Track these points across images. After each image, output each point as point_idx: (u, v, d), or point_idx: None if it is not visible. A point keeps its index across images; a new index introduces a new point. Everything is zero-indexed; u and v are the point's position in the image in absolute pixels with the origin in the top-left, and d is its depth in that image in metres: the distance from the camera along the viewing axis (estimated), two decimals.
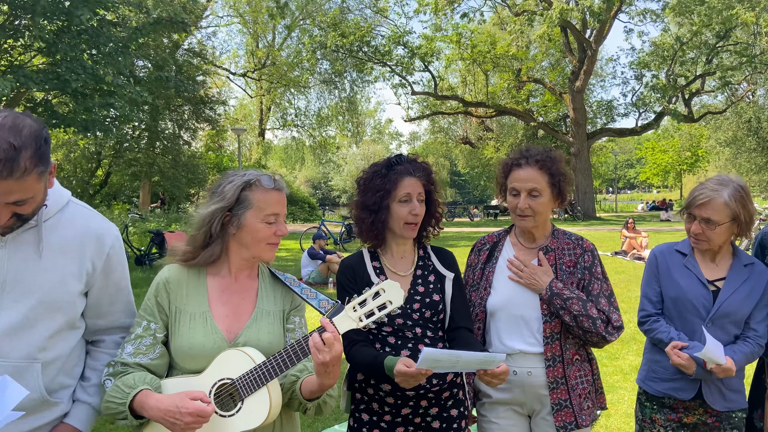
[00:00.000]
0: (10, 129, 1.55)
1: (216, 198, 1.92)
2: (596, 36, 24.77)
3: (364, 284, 2.23)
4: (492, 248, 2.48)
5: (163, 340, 1.92)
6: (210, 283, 1.96)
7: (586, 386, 2.29)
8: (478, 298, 2.39)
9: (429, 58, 27.20)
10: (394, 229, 2.27)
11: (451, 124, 39.24)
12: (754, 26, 21.87)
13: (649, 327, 2.53)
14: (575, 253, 2.36)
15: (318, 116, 36.60)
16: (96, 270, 1.85)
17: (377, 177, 2.27)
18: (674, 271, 2.52)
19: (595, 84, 33.81)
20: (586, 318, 2.22)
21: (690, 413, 2.51)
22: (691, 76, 25.46)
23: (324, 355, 1.70)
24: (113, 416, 1.81)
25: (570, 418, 2.26)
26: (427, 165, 2.34)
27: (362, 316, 1.77)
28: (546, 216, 2.34)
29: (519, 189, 2.33)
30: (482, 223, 30.51)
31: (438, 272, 2.32)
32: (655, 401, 2.55)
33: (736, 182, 2.44)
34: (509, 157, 2.40)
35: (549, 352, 2.25)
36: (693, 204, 2.45)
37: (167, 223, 19.06)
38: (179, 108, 26.63)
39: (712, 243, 2.45)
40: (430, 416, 2.23)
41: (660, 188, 67.13)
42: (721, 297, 2.43)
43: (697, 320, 2.44)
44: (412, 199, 2.23)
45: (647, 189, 76.42)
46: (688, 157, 47.64)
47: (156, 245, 13.20)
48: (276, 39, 35.98)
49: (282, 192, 1.94)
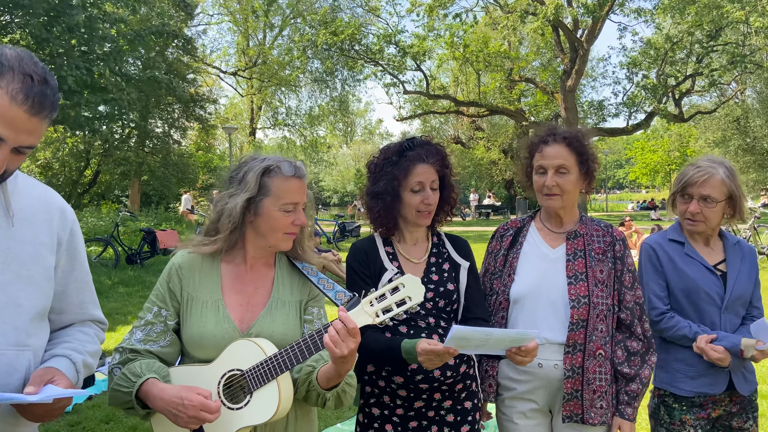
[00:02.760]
0: (33, 61, 1.35)
1: (241, 188, 1.81)
2: (588, 35, 24.82)
3: (377, 269, 2.16)
4: (516, 233, 2.38)
5: (174, 328, 1.83)
6: (224, 270, 1.87)
7: (603, 384, 2.15)
8: (501, 286, 2.29)
9: (421, 58, 27.14)
10: (406, 216, 2.18)
11: (442, 123, 39.21)
12: (744, 26, 22.00)
13: (667, 325, 2.40)
14: (605, 240, 2.26)
15: (309, 115, 36.44)
16: (62, 245, 1.60)
17: (388, 164, 2.17)
18: (678, 261, 2.44)
19: (586, 84, 33.93)
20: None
21: (717, 406, 2.42)
22: (681, 76, 25.59)
23: (341, 349, 1.62)
24: (119, 405, 1.73)
25: (577, 410, 2.14)
26: (442, 148, 2.23)
27: (379, 312, 1.68)
28: (574, 197, 2.24)
29: (546, 167, 2.23)
30: (474, 222, 30.54)
31: (453, 260, 2.24)
32: (685, 401, 2.41)
33: (727, 163, 2.44)
34: (535, 135, 2.33)
35: (571, 339, 2.14)
36: (690, 183, 2.40)
37: (158, 222, 18.87)
38: (169, 106, 26.41)
39: (709, 223, 2.40)
40: (444, 409, 2.14)
41: (649, 188, 67.56)
42: (730, 281, 2.39)
43: (713, 309, 2.38)
44: (425, 188, 2.14)
45: (636, 189, 76.87)
46: (677, 157, 47.94)
47: (147, 243, 13.03)
48: (267, 37, 35.79)
49: (302, 179, 1.85)
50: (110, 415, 4.58)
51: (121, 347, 1.81)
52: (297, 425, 1.89)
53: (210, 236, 1.86)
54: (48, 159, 25.64)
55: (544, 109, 31.76)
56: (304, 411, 1.92)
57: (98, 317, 1.74)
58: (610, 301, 2.18)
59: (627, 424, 2.14)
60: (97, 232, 15.17)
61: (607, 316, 2.17)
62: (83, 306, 1.69)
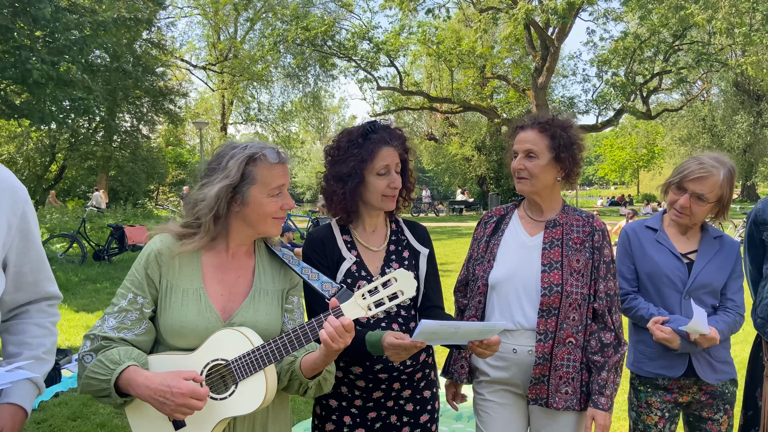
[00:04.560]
0: None
1: (220, 175, 1.75)
2: (559, 34, 25.15)
3: (335, 259, 2.12)
4: (498, 221, 2.39)
5: (150, 316, 1.77)
6: (205, 258, 1.82)
7: (570, 371, 2.17)
8: (481, 271, 2.29)
9: (395, 54, 27.15)
10: (370, 201, 2.13)
11: (416, 120, 39.31)
12: (709, 26, 22.53)
13: (629, 305, 2.48)
14: (584, 230, 2.26)
15: (281, 111, 36.16)
16: (12, 228, 1.56)
17: (353, 146, 2.11)
18: (647, 246, 2.49)
19: (557, 82, 34.38)
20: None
21: (684, 392, 2.47)
22: (648, 74, 26.11)
23: (339, 344, 1.62)
24: (93, 394, 1.66)
25: (543, 393, 2.17)
26: (402, 132, 2.20)
27: (371, 305, 1.67)
28: (545, 182, 2.24)
29: (517, 150, 2.26)
30: (447, 218, 30.71)
31: (412, 248, 2.21)
32: (649, 383, 2.49)
33: (729, 164, 2.44)
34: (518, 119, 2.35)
35: (542, 326, 2.15)
36: (688, 177, 2.41)
37: (126, 218, 18.51)
38: (138, 100, 25.93)
39: (694, 218, 2.44)
40: (403, 399, 2.13)
41: (617, 184, 68.84)
42: (695, 268, 2.43)
43: (674, 293, 2.43)
44: (390, 171, 2.11)
45: (605, 185, 78.24)
46: (645, 154, 48.97)
47: (116, 239, 12.75)
48: (238, 31, 35.37)
49: (285, 164, 1.82)
50: (77, 413, 4.47)
51: (92, 334, 1.73)
52: (275, 414, 1.87)
53: (190, 228, 1.80)
54: (11, 154, 24.99)
55: (516, 106, 32.07)
56: (280, 399, 1.89)
57: (53, 293, 1.76)
58: (585, 291, 2.19)
59: (601, 414, 2.15)
60: (63, 228, 14.79)
61: (581, 305, 2.18)
62: (38, 284, 1.70)
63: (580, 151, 2.26)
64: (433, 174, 42.75)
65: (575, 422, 2.20)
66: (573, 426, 2.20)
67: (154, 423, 1.70)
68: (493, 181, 35.58)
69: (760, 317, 2.51)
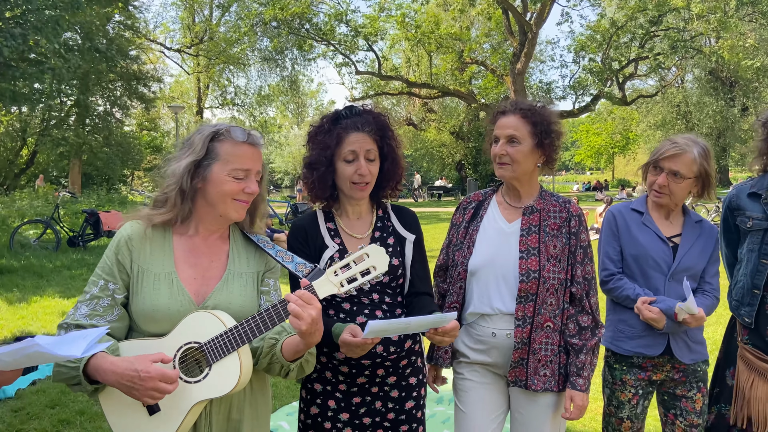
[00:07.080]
0: None
1: (187, 151, 1.74)
2: (536, 19, 25.18)
3: (318, 247, 2.10)
4: (477, 207, 2.40)
5: (122, 302, 1.75)
6: (176, 242, 1.80)
7: (548, 354, 2.21)
8: (461, 257, 2.31)
9: (373, 38, 26.92)
10: (342, 188, 2.11)
11: (394, 105, 39.11)
12: (685, 11, 22.76)
13: (614, 285, 2.55)
14: (561, 216, 2.29)
15: (258, 95, 35.70)
16: None
17: (321, 132, 2.08)
18: (633, 228, 2.56)
19: (534, 67, 34.47)
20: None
21: (658, 370, 2.55)
22: (624, 60, 26.33)
23: (304, 319, 1.58)
24: (65, 382, 1.64)
25: (522, 376, 2.21)
26: (383, 118, 2.14)
27: (344, 281, 1.66)
28: (526, 168, 2.26)
29: (499, 136, 2.27)
30: (425, 203, 30.79)
31: (398, 234, 2.19)
32: (624, 361, 2.56)
33: (703, 143, 2.53)
34: (497, 107, 2.35)
35: (520, 312, 2.19)
36: (663, 156, 2.50)
37: (101, 203, 18.19)
38: (111, 84, 25.34)
39: (674, 197, 2.51)
40: (388, 385, 2.14)
41: (593, 170, 69.62)
42: (680, 252, 2.50)
43: (659, 276, 2.50)
44: (358, 157, 2.05)
45: (581, 171, 79.08)
46: (620, 140, 49.53)
47: (90, 225, 12.53)
48: (213, 13, 34.71)
49: (256, 147, 1.78)
50: (56, 400, 4.42)
51: (65, 323, 1.72)
52: (253, 397, 1.86)
53: (159, 207, 1.78)
54: None
55: (494, 91, 32.13)
56: (260, 384, 1.89)
57: None
58: (563, 276, 2.22)
59: (579, 394, 2.20)
60: (36, 214, 14.49)
61: (558, 290, 2.22)
62: None
63: (560, 138, 2.29)
64: (412, 159, 42.81)
65: (554, 403, 2.25)
66: (552, 407, 2.25)
67: (128, 409, 1.68)
68: (471, 166, 35.73)
69: (735, 299, 2.58)
